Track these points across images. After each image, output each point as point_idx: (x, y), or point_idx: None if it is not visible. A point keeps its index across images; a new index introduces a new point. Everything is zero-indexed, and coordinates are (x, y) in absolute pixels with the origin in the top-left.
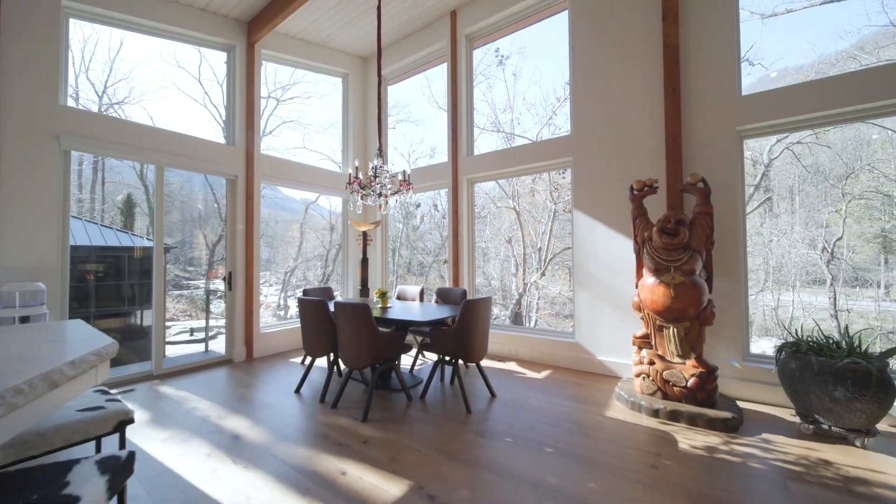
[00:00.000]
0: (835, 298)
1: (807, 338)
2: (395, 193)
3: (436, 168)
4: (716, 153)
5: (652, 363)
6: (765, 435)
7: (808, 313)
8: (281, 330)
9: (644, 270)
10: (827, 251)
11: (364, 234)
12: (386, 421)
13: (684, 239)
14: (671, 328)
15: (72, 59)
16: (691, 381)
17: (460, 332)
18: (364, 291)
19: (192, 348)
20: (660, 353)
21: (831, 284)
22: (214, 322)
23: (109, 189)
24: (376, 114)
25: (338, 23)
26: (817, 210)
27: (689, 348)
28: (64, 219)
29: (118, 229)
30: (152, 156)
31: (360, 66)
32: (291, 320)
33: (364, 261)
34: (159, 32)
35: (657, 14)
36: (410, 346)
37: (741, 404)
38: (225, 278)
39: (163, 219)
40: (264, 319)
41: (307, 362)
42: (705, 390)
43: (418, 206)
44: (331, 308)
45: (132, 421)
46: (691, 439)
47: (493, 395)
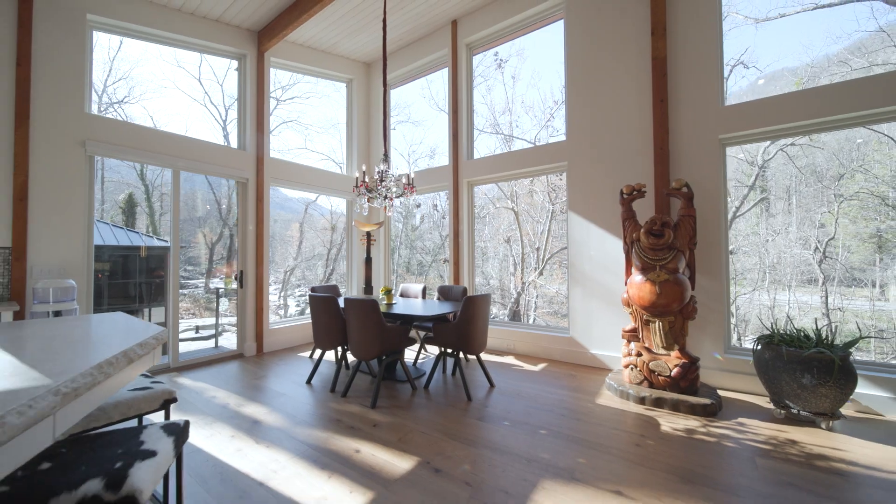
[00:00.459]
0: (826, 297)
1: (780, 331)
2: (400, 196)
3: (437, 171)
4: (700, 160)
5: (639, 355)
6: (740, 419)
7: (805, 313)
8: (289, 326)
9: (633, 269)
10: (819, 251)
11: (368, 235)
12: (393, 408)
13: (669, 239)
14: (657, 322)
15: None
16: (675, 371)
17: (462, 326)
18: (368, 289)
19: (200, 344)
20: (646, 346)
21: (823, 284)
22: (221, 319)
23: (109, 188)
24: (381, 120)
25: (344, 32)
26: (811, 210)
27: (673, 340)
28: (89, 220)
29: (129, 229)
30: (170, 160)
31: (364, 72)
32: (295, 318)
33: (368, 260)
34: (177, 43)
35: (647, 28)
36: (414, 340)
37: (722, 393)
38: (236, 277)
39: (179, 220)
40: (270, 317)
41: (316, 356)
42: (687, 379)
43: (419, 206)
44: (340, 304)
45: (175, 400)
46: (673, 423)
47: (492, 385)
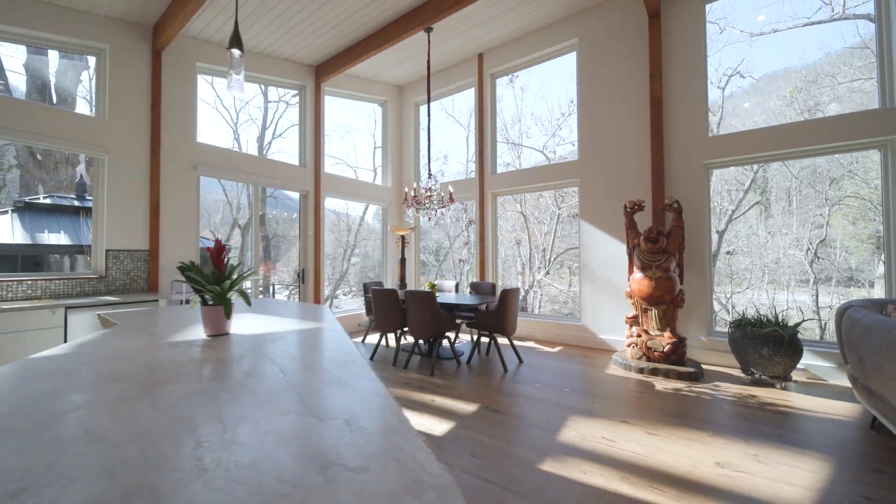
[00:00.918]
0: (816, 297)
1: (747, 317)
2: (442, 207)
3: (465, 182)
4: (688, 181)
5: (639, 336)
6: (716, 382)
7: (804, 313)
8: (341, 317)
9: (634, 267)
10: (811, 252)
11: (402, 238)
12: (447, 376)
13: (663, 245)
14: (653, 310)
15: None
16: (667, 348)
17: (499, 312)
18: (402, 285)
19: None
20: (645, 328)
21: (814, 284)
22: None
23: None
24: (412, 136)
25: (388, 65)
26: (809, 212)
27: (666, 324)
28: (197, 227)
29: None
30: (255, 178)
31: (397, 94)
32: (343, 310)
33: (402, 260)
34: (258, 80)
35: (646, 70)
36: (459, 325)
37: (704, 366)
38: (298, 274)
39: (259, 229)
40: None
41: (368, 339)
42: (677, 353)
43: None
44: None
45: None
46: (665, 385)
47: (521, 361)
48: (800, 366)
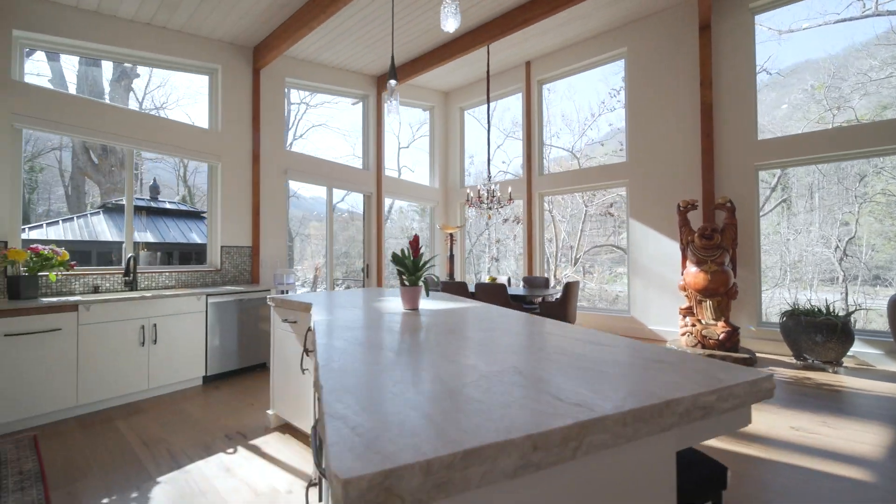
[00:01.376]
0: (846, 294)
1: (798, 307)
2: (501, 207)
3: (511, 183)
4: (738, 181)
5: (694, 325)
6: (770, 367)
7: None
8: None
9: (688, 262)
10: (840, 249)
11: (451, 236)
12: None
13: (718, 241)
14: (707, 301)
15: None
16: (722, 336)
17: (564, 302)
18: (451, 280)
19: None
20: (699, 318)
21: (843, 281)
22: None
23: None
24: (458, 139)
25: (442, 73)
26: (833, 209)
27: (721, 314)
28: (286, 226)
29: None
30: (328, 181)
31: (443, 100)
32: None
33: (451, 257)
34: (329, 91)
35: (694, 76)
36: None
37: (757, 353)
38: (363, 269)
39: (333, 226)
40: None
41: None
42: (731, 341)
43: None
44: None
45: None
46: None
47: None
48: (849, 353)
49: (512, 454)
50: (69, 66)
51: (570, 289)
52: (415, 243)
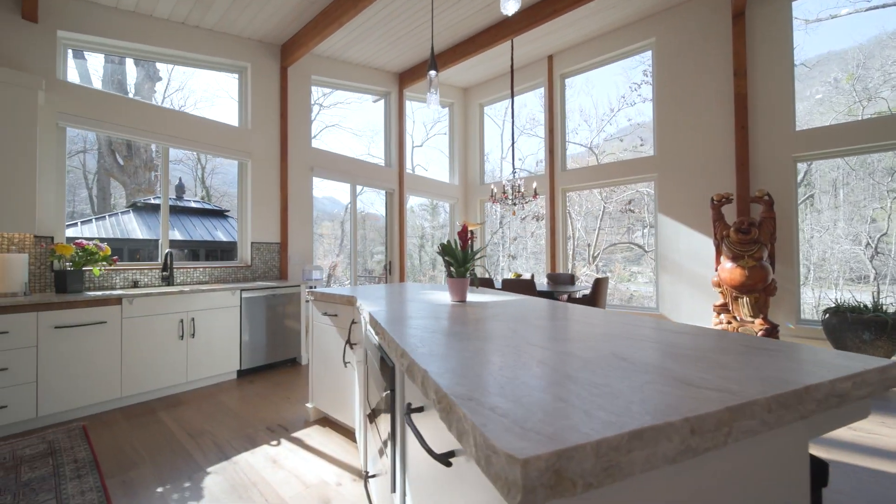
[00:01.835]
0: (877, 293)
1: (843, 303)
2: (526, 203)
3: (536, 179)
4: (775, 173)
5: (729, 322)
6: None
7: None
8: None
9: (722, 258)
10: (871, 246)
11: (471, 233)
12: None
13: (755, 236)
14: (744, 297)
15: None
16: (760, 333)
17: (594, 298)
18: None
19: None
20: (734, 315)
21: (875, 280)
22: None
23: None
24: (476, 136)
25: (461, 70)
26: (860, 205)
27: (758, 311)
28: (311, 222)
29: None
30: (352, 178)
31: (462, 96)
32: None
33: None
34: (353, 88)
35: (726, 66)
36: None
37: None
38: (385, 266)
39: (357, 223)
40: None
41: None
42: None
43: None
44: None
45: None
46: None
47: None
48: None
49: (673, 438)
50: (94, 70)
51: (600, 284)
52: (463, 234)
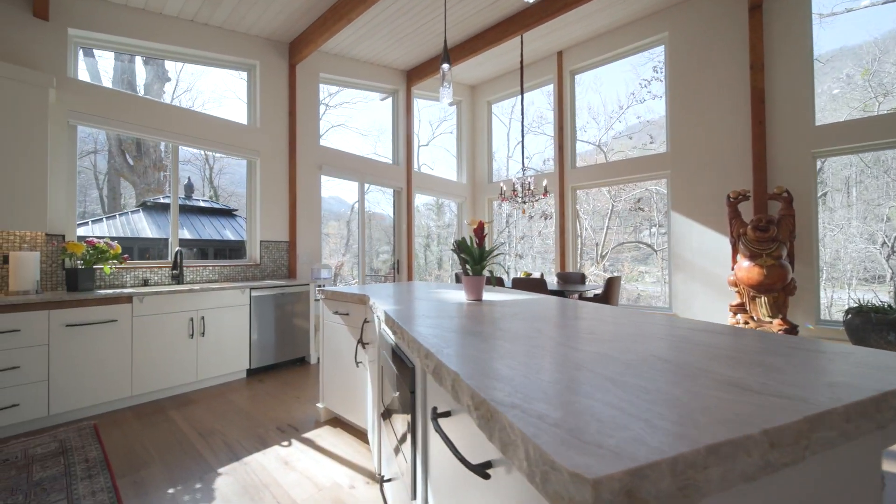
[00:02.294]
0: (894, 293)
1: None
2: (536, 201)
3: (545, 176)
4: (794, 170)
5: (746, 323)
6: None
7: None
8: None
9: (739, 256)
10: (887, 245)
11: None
12: None
13: (773, 234)
14: (762, 297)
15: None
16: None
17: (607, 296)
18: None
19: None
20: (752, 315)
21: (891, 279)
22: None
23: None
24: (485, 133)
25: (469, 66)
26: (877, 204)
27: (777, 311)
28: (319, 220)
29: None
30: (360, 176)
31: (470, 93)
32: None
33: None
34: (361, 86)
35: (743, 61)
36: None
37: None
38: (393, 265)
39: (365, 217)
40: None
41: None
42: None
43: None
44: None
45: None
46: None
47: None
48: None
49: (752, 452)
50: (104, 70)
51: (613, 284)
52: (479, 231)
